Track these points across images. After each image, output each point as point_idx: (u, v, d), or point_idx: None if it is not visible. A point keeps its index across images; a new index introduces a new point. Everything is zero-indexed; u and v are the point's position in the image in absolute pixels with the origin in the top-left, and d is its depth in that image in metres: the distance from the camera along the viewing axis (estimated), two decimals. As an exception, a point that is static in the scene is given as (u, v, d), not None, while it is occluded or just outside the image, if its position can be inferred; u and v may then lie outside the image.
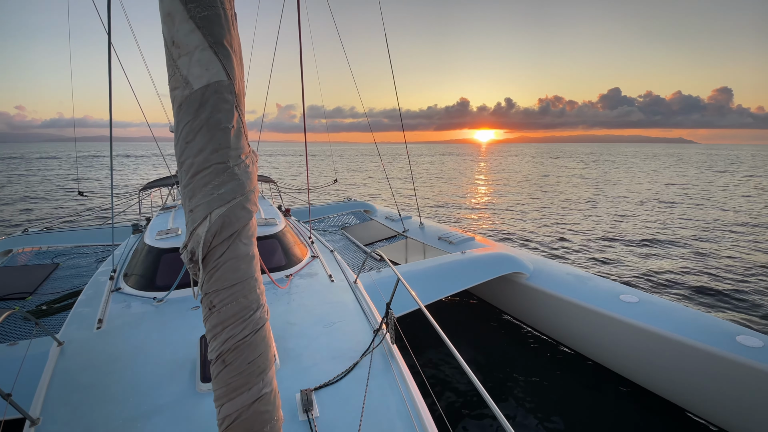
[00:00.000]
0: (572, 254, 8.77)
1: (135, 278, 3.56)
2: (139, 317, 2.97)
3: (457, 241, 6.02)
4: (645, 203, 15.90)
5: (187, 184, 0.92)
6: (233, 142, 0.94)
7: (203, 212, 0.89)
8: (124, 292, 3.42)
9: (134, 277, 3.58)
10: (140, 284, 3.45)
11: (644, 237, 10.13)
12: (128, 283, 3.53)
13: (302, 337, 2.64)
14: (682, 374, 3.37)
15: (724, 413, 3.18)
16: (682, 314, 3.68)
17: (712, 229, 10.94)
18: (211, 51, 0.93)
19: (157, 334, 2.72)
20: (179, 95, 0.93)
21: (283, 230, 4.22)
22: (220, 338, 0.90)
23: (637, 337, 3.66)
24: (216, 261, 0.90)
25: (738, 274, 7.30)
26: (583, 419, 3.42)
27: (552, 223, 12.20)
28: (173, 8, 0.92)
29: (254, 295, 0.94)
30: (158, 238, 3.80)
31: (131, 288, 3.45)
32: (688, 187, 21.73)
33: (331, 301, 3.20)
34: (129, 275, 3.67)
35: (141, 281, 3.48)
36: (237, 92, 0.98)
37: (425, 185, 23.44)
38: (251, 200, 0.95)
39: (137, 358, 2.44)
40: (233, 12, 1.07)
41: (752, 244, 9.40)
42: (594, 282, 4.50)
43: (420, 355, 4.33)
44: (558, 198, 17.54)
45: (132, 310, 3.10)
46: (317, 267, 3.95)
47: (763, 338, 3.18)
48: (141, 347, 2.56)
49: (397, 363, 2.34)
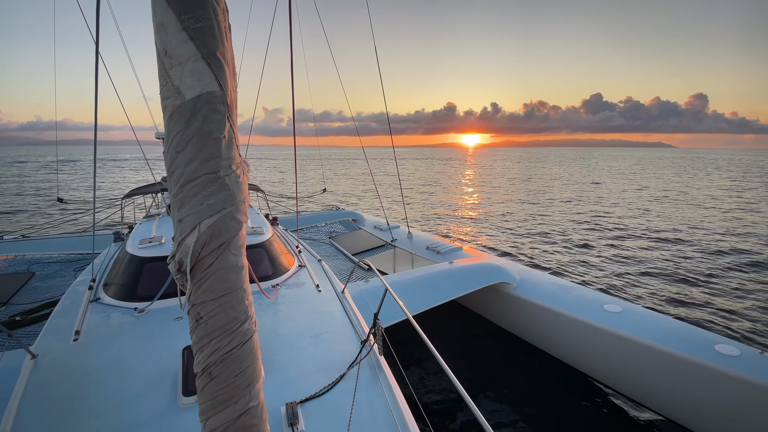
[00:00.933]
0: (553, 255, 8.92)
1: (115, 288, 3.46)
2: (119, 328, 2.88)
3: (444, 251, 6.05)
4: (634, 208, 16.32)
5: (176, 194, 0.92)
6: (224, 152, 0.94)
7: (192, 222, 0.88)
8: (103, 303, 3.31)
9: (114, 286, 3.49)
10: (121, 294, 3.36)
11: (625, 238, 10.38)
12: (108, 293, 3.43)
13: (288, 348, 2.60)
14: (663, 382, 3.44)
15: (702, 421, 3.25)
16: (663, 324, 3.77)
17: (695, 234, 11.28)
18: (203, 62, 0.93)
19: (137, 346, 2.64)
20: (171, 105, 0.93)
21: (270, 239, 4.18)
22: (206, 350, 0.89)
23: (620, 346, 3.73)
24: (204, 272, 0.89)
25: (719, 281, 7.52)
26: (567, 429, 3.45)
27: (537, 224, 12.39)
28: (166, 19, 0.93)
29: (242, 306, 0.93)
30: (141, 246, 3.72)
31: (111, 298, 3.35)
32: (672, 190, 22.41)
33: (319, 311, 3.17)
34: (109, 285, 3.57)
35: (122, 291, 3.38)
36: (229, 103, 0.98)
37: (414, 191, 23.59)
38: (241, 210, 0.95)
39: (116, 371, 2.36)
40: (227, 24, 1.08)
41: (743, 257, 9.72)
42: (578, 292, 4.58)
43: (408, 366, 4.31)
44: (543, 201, 17.86)
45: (111, 321, 3.01)
46: (304, 277, 3.92)
47: (740, 347, 3.27)
48: (120, 360, 2.48)
49: (385, 374, 2.32)
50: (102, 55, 3.16)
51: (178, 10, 0.94)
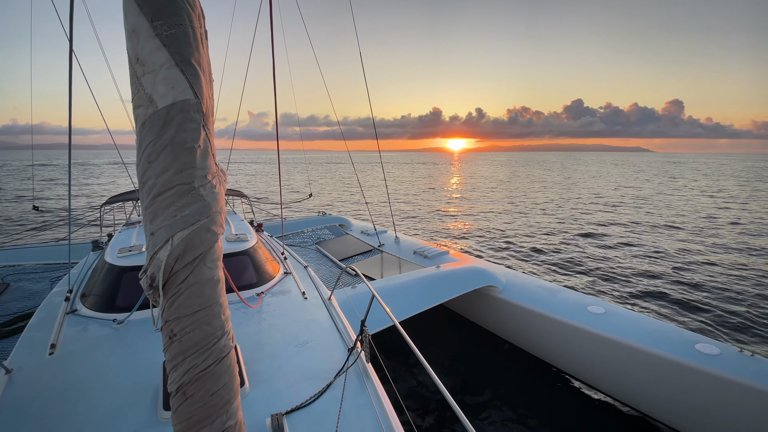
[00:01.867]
0: (535, 253, 9.03)
1: (93, 299, 3.34)
2: (97, 341, 2.78)
3: (432, 255, 6.06)
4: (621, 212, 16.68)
5: (148, 206, 0.88)
6: (199, 162, 0.91)
7: (165, 235, 0.85)
8: (80, 314, 3.20)
9: (92, 297, 3.37)
10: (99, 305, 3.24)
11: (608, 238, 10.59)
12: (85, 305, 3.31)
13: (273, 358, 2.54)
14: (646, 382, 3.50)
15: (684, 419, 3.32)
16: (645, 324, 3.84)
17: (674, 233, 11.58)
18: (177, 69, 0.90)
19: (116, 359, 2.55)
20: (142, 113, 0.89)
21: (255, 246, 4.11)
22: (180, 369, 0.85)
23: (603, 347, 3.78)
24: (178, 286, 0.85)
25: (700, 280, 7.72)
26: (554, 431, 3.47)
27: (520, 225, 12.55)
28: (138, 25, 0.90)
29: (218, 322, 0.90)
30: (120, 255, 3.60)
31: (89, 309, 3.23)
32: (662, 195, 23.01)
33: (305, 319, 3.12)
34: (87, 296, 3.45)
35: (100, 302, 3.27)
36: (205, 111, 0.95)
37: (401, 194, 23.64)
38: (217, 222, 0.92)
39: (94, 385, 2.28)
40: (203, 30, 1.05)
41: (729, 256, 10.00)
42: (563, 294, 4.63)
43: (395, 373, 4.28)
44: (527, 203, 18.11)
45: (89, 333, 2.90)
46: (290, 284, 3.86)
47: (720, 346, 3.35)
48: (98, 373, 2.39)
49: (372, 382, 2.29)
50: (79, 58, 3.07)
51: (151, 16, 0.91)
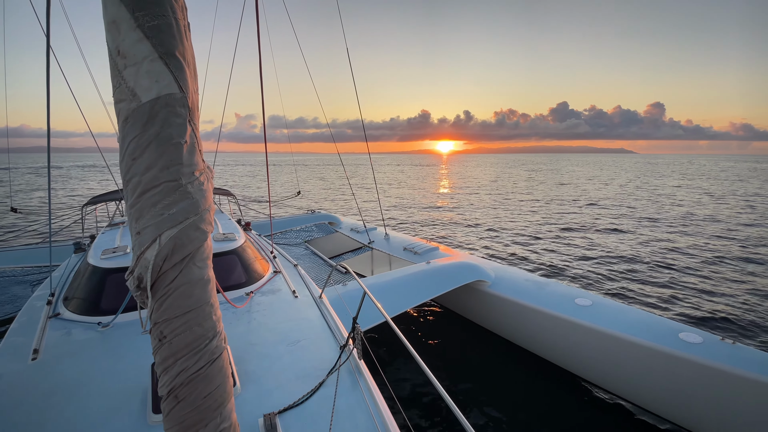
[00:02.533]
0: (528, 251, 9.16)
1: (77, 302, 3.25)
2: (82, 345, 2.71)
3: (421, 251, 6.07)
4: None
5: (133, 204, 0.84)
6: (186, 159, 0.88)
7: (152, 234, 0.82)
8: (63, 318, 3.11)
9: (76, 300, 3.28)
10: (83, 308, 3.16)
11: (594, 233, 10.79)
12: (69, 308, 3.22)
13: (264, 357, 2.52)
14: (632, 371, 3.58)
15: (668, 406, 3.41)
16: (631, 315, 3.93)
17: (656, 229, 11.87)
18: (161, 62, 0.87)
19: (102, 363, 2.49)
20: (125, 108, 0.86)
21: (243, 245, 4.05)
22: (171, 372, 0.82)
23: (591, 338, 3.85)
24: (167, 287, 0.82)
25: (682, 271, 7.93)
26: (547, 423, 3.52)
27: (507, 223, 12.70)
28: (118, 16, 0.86)
29: (210, 323, 0.87)
30: (104, 257, 3.52)
31: (72, 313, 3.15)
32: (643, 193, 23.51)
33: (295, 318, 3.09)
34: (69, 299, 3.36)
35: (84, 305, 3.19)
36: (190, 106, 0.92)
37: (391, 196, 23.66)
38: (206, 220, 0.89)
39: (80, 390, 2.21)
40: (186, 22, 1.02)
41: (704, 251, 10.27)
42: (551, 287, 4.70)
43: (388, 368, 4.29)
44: (518, 204, 18.33)
45: (73, 337, 2.82)
46: (280, 283, 3.82)
47: (702, 334, 3.45)
48: (84, 378, 2.33)
49: (365, 379, 2.28)
50: (58, 57, 2.97)
51: (132, 6, 0.87)
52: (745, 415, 2.99)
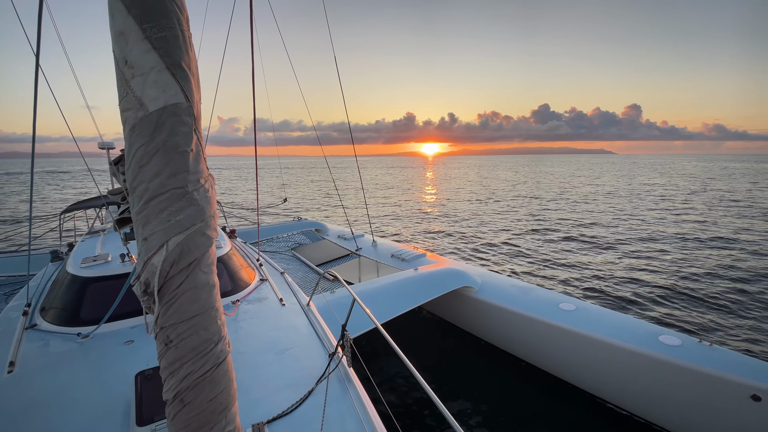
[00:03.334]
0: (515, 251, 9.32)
1: (55, 312, 3.15)
2: (61, 357, 2.63)
3: (409, 258, 6.12)
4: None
5: (140, 211, 0.86)
6: (192, 166, 0.90)
7: (159, 240, 0.83)
8: (40, 329, 3.01)
9: (54, 311, 3.18)
10: (61, 319, 3.06)
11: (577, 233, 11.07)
12: (46, 319, 3.12)
13: (252, 367, 2.49)
14: (614, 374, 3.69)
15: (649, 407, 3.52)
16: (613, 319, 4.05)
17: (633, 228, 12.25)
18: (168, 73, 0.89)
19: (82, 375, 2.41)
20: (132, 117, 0.88)
21: (228, 253, 4.02)
22: (177, 375, 0.83)
23: (574, 342, 3.95)
24: (173, 292, 0.84)
25: (660, 273, 8.21)
26: (533, 426, 3.58)
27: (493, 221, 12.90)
28: (126, 27, 0.88)
29: (215, 327, 0.89)
30: (84, 266, 3.42)
31: (50, 324, 3.05)
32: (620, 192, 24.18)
33: (283, 326, 3.08)
34: (47, 309, 3.25)
35: (62, 315, 3.09)
36: (196, 115, 0.95)
37: (378, 198, 23.67)
38: (211, 226, 0.91)
39: (59, 403, 2.14)
40: (190, 33, 1.05)
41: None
42: (536, 292, 4.81)
43: (377, 375, 4.28)
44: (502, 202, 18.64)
45: (51, 349, 2.74)
46: (266, 291, 3.79)
47: (681, 337, 3.59)
48: (63, 391, 2.25)
49: (355, 386, 2.29)
50: (40, 63, 2.91)
51: (140, 18, 0.90)
52: (721, 415, 3.12)
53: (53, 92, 4.05)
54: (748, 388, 2.97)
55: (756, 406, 2.93)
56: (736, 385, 3.02)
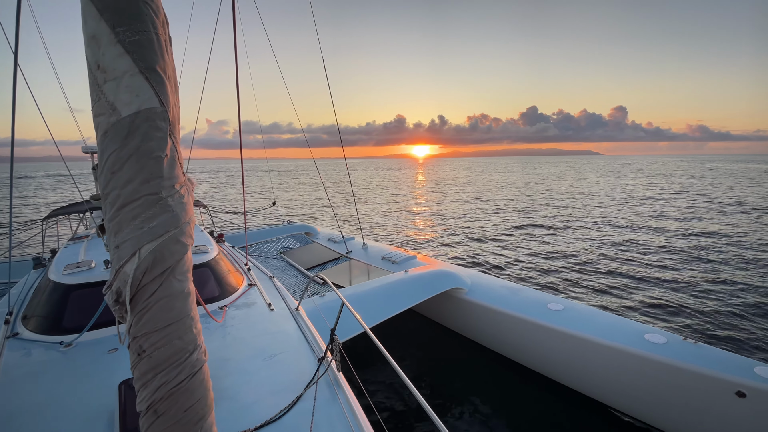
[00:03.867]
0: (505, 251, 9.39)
1: (37, 320, 3.08)
2: (43, 366, 2.57)
3: (399, 260, 6.12)
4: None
5: (112, 218, 0.84)
6: (166, 172, 0.89)
7: (131, 248, 0.81)
8: (22, 338, 2.94)
9: (36, 319, 3.11)
10: (43, 327, 3.00)
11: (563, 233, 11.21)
12: (28, 327, 3.05)
13: (240, 373, 2.46)
14: (601, 372, 3.73)
15: (635, 404, 3.56)
16: (600, 318, 4.10)
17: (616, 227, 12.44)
18: (142, 77, 0.88)
19: (65, 384, 2.36)
20: (104, 122, 0.86)
21: (216, 258, 3.97)
22: (151, 386, 0.81)
23: (563, 341, 3.99)
24: (146, 301, 0.82)
25: (647, 272, 8.34)
26: (523, 426, 3.60)
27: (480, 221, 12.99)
28: (99, 31, 0.86)
29: (190, 336, 0.87)
30: (66, 272, 3.36)
31: (32, 332, 2.98)
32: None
33: (271, 331, 3.05)
34: (29, 317, 3.18)
35: (44, 324, 3.02)
36: (171, 119, 0.93)
37: (368, 202, 23.66)
38: (186, 233, 0.89)
39: (42, 413, 2.10)
40: (167, 37, 1.03)
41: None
42: (525, 293, 4.84)
43: (367, 379, 4.27)
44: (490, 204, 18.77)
45: (33, 358, 2.68)
46: (255, 296, 3.76)
47: (666, 335, 3.64)
48: (46, 401, 2.20)
49: (344, 391, 2.27)
50: (20, 65, 2.85)
51: (113, 22, 0.88)
52: (707, 412, 3.17)
53: (33, 95, 3.97)
54: (733, 384, 3.02)
55: (741, 403, 2.98)
56: (721, 382, 3.07)
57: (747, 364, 3.16)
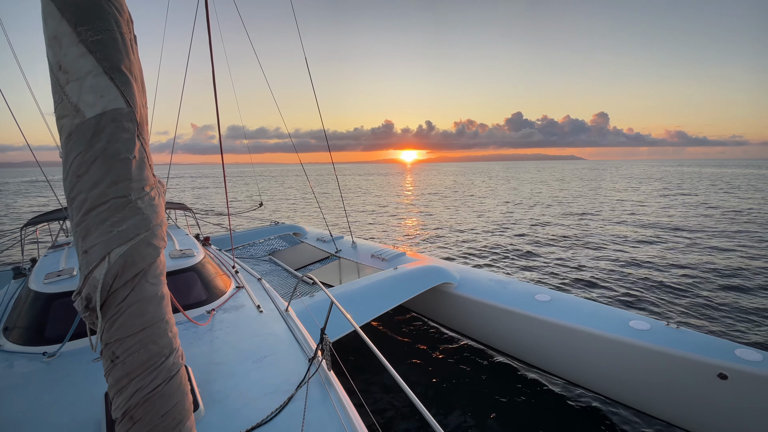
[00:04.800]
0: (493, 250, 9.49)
1: (18, 332, 3.00)
2: (26, 377, 2.51)
3: (389, 257, 6.12)
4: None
5: (79, 223, 0.82)
6: (135, 174, 0.86)
7: (100, 252, 0.79)
8: (4, 350, 2.87)
9: (17, 330, 3.02)
10: (25, 338, 2.92)
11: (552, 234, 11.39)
12: (9, 338, 2.97)
13: (229, 376, 2.43)
14: (588, 360, 3.79)
15: (622, 390, 3.63)
16: (586, 307, 4.17)
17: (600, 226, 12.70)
18: (106, 77, 0.85)
19: (49, 396, 2.31)
20: (68, 124, 0.83)
21: (202, 261, 3.91)
22: (126, 392, 0.79)
23: (550, 331, 4.05)
24: (118, 306, 0.80)
25: (627, 261, 8.52)
26: (516, 419, 3.65)
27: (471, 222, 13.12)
28: (60, 31, 0.84)
29: (166, 340, 0.85)
30: (47, 281, 3.27)
31: (13, 344, 2.90)
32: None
33: (261, 333, 3.02)
34: (10, 329, 3.09)
35: (26, 334, 2.95)
36: (139, 120, 0.91)
37: (357, 208, 23.62)
38: (158, 235, 0.87)
39: (26, 426, 2.04)
40: (132, 36, 1.00)
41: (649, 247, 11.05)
42: (513, 286, 4.89)
43: (359, 378, 4.26)
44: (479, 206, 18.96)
45: (15, 369, 2.61)
46: (243, 298, 3.72)
47: (650, 321, 3.72)
48: (30, 413, 2.15)
49: (336, 390, 2.27)
50: None
51: (74, 21, 0.85)
52: (691, 394, 3.25)
53: (6, 100, 3.85)
54: (715, 367, 3.09)
55: (723, 384, 3.06)
56: (704, 365, 3.14)
57: (728, 346, 3.25)
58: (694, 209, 16.99)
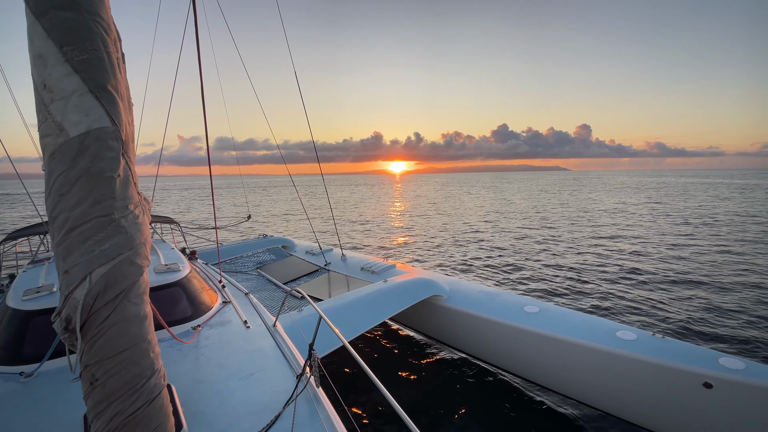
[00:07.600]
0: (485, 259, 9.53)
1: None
2: (2, 399, 2.41)
3: (379, 270, 6.09)
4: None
5: (60, 242, 0.80)
6: (119, 192, 0.86)
7: (81, 272, 0.78)
8: None
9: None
10: (2, 357, 2.81)
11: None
12: None
13: (215, 395, 2.37)
14: (576, 371, 3.81)
15: (610, 400, 3.65)
16: (574, 318, 4.20)
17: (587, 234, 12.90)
18: (91, 96, 0.85)
19: (27, 418, 2.22)
20: (51, 143, 0.83)
21: (188, 276, 3.84)
22: (105, 416, 0.77)
23: (539, 343, 4.06)
24: (99, 327, 0.78)
25: (615, 274, 8.64)
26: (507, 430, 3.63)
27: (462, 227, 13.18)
28: (45, 50, 0.84)
29: (147, 361, 0.84)
30: (26, 298, 3.17)
31: None
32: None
33: (247, 349, 2.96)
34: None
35: (2, 353, 2.84)
36: (124, 138, 0.91)
37: (346, 218, 23.56)
38: (141, 254, 0.86)
39: None
40: (119, 54, 1.01)
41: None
42: (502, 297, 4.91)
43: (348, 394, 4.20)
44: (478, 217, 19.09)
45: None
46: (230, 314, 3.65)
47: (636, 332, 3.76)
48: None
49: (324, 407, 2.23)
50: None
51: (60, 41, 0.85)
52: (677, 403, 3.29)
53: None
54: (700, 376, 3.14)
55: (708, 393, 3.11)
56: (689, 374, 3.18)
57: (712, 355, 3.30)
58: (685, 217, 17.42)
